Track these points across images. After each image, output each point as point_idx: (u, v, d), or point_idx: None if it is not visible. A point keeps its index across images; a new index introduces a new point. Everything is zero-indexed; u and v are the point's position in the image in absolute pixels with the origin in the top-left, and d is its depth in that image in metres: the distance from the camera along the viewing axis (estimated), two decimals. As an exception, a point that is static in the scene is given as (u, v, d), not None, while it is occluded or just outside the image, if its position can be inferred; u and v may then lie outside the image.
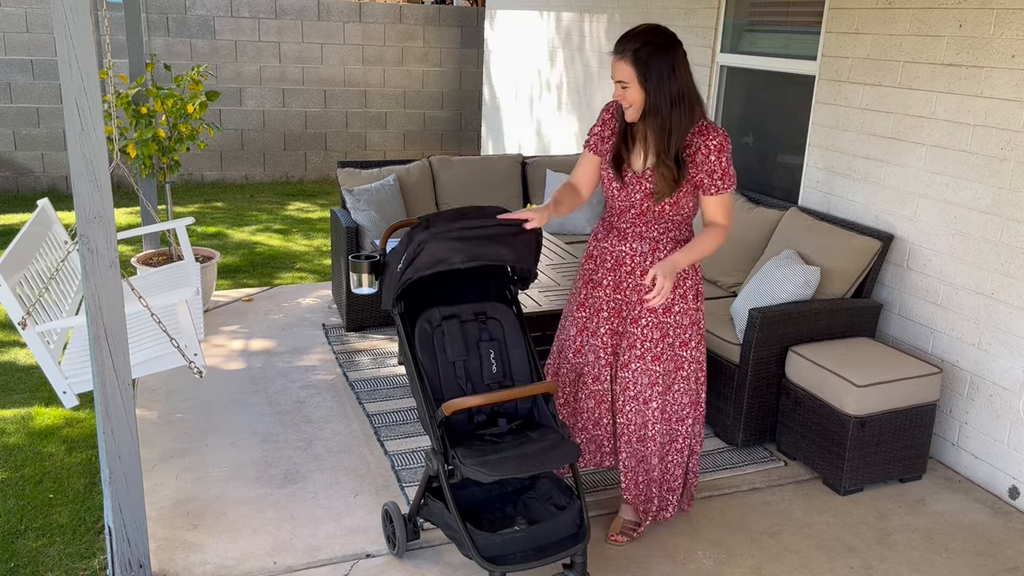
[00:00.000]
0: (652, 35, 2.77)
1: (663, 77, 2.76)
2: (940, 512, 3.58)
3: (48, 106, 8.48)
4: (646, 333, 3.02)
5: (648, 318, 3.02)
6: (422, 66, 9.80)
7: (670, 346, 3.05)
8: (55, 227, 4.10)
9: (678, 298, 3.02)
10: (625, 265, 3.03)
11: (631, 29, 2.83)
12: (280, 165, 9.55)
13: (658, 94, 2.78)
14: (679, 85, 2.78)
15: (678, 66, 2.78)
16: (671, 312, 3.02)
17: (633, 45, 2.76)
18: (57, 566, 3.07)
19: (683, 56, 2.81)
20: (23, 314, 3.16)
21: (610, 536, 3.26)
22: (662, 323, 3.02)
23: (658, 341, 3.03)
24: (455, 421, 2.90)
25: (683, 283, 3.02)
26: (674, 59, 2.78)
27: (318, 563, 3.06)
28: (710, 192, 2.88)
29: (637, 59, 2.76)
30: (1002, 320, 3.67)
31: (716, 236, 2.89)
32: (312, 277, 6.35)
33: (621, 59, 2.79)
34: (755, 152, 5.25)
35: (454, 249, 2.72)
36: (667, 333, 3.03)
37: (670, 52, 2.77)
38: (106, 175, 2.42)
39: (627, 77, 2.79)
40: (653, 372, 3.05)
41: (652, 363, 3.04)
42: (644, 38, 2.76)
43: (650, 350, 3.03)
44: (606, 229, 3.09)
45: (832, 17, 4.46)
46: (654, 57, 2.75)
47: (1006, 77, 3.58)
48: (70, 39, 2.29)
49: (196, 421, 4.04)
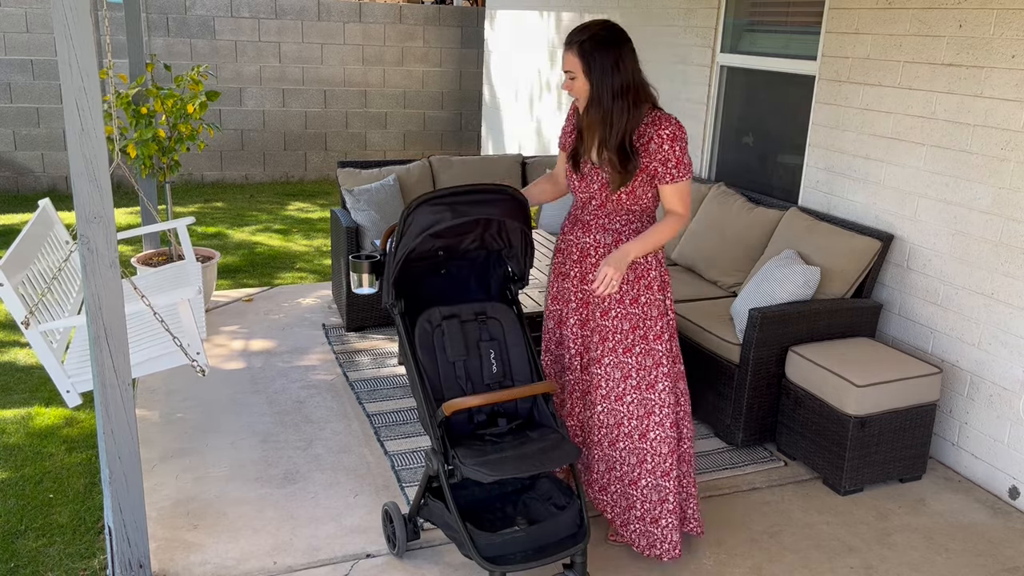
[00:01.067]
0: (600, 29, 2.86)
1: (606, 71, 2.84)
2: (940, 512, 3.58)
3: (48, 106, 8.48)
4: (616, 324, 3.02)
5: (617, 309, 3.02)
6: (422, 66, 9.80)
7: (642, 338, 3.02)
8: (56, 227, 4.10)
9: (643, 288, 3.02)
10: (590, 257, 3.06)
11: (584, 23, 2.92)
12: (280, 165, 9.56)
13: (601, 86, 2.86)
14: (623, 79, 2.85)
15: (623, 60, 2.85)
16: (638, 303, 3.02)
17: (580, 37, 2.86)
18: (57, 566, 3.07)
19: (630, 52, 2.88)
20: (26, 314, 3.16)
21: (609, 537, 3.26)
22: (631, 314, 3.02)
23: (628, 332, 3.02)
24: (455, 421, 2.90)
25: (647, 274, 3.02)
26: (619, 54, 2.85)
27: (318, 563, 3.06)
28: (665, 181, 2.93)
29: (583, 51, 2.85)
30: (1002, 320, 3.67)
31: (671, 225, 2.94)
32: (312, 277, 6.35)
33: (568, 50, 2.90)
34: (755, 152, 5.25)
35: (443, 211, 2.76)
36: (637, 325, 3.02)
37: (616, 47, 2.85)
38: (106, 175, 2.42)
39: (573, 67, 2.89)
40: (626, 365, 3.03)
41: (624, 355, 3.03)
42: (592, 31, 2.86)
43: (621, 342, 3.03)
44: (572, 222, 3.15)
45: (832, 17, 4.46)
46: (599, 50, 2.84)
47: (1006, 77, 3.59)
48: (70, 39, 2.29)
49: (196, 421, 4.04)
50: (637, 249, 2.88)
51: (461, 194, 2.81)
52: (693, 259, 4.90)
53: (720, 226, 4.77)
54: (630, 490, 3.09)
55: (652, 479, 3.04)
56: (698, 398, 4.17)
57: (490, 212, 2.84)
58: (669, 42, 5.91)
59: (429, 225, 2.76)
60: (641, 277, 3.02)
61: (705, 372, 4.08)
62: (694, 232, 4.95)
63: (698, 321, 4.13)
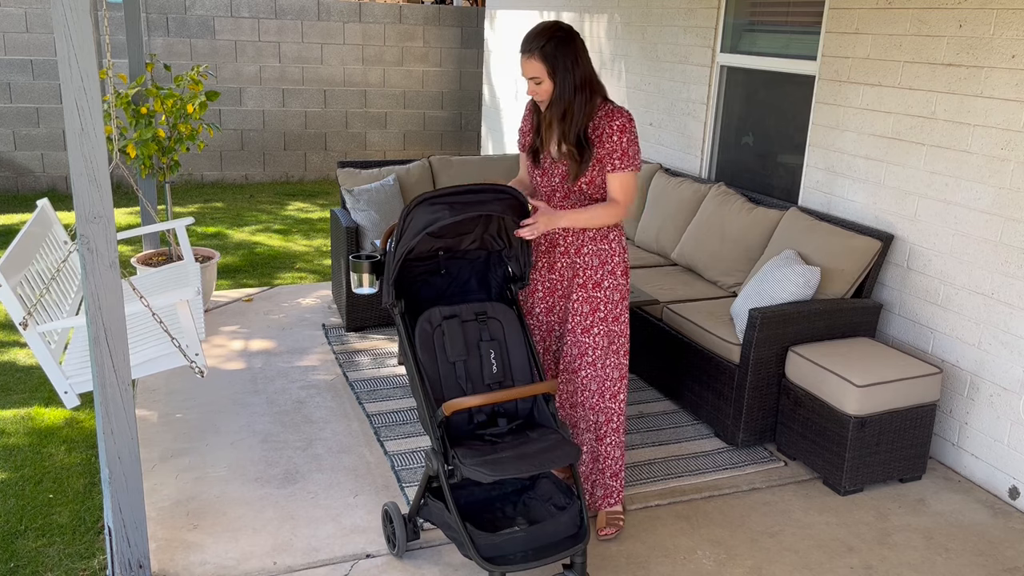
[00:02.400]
0: (554, 31, 2.99)
1: (568, 68, 2.99)
2: (940, 512, 3.58)
3: (48, 106, 8.48)
4: (578, 307, 3.21)
5: (579, 293, 3.20)
6: (422, 66, 9.80)
7: (602, 320, 3.19)
8: (55, 227, 4.10)
9: (607, 274, 3.19)
10: (559, 246, 3.22)
11: (533, 29, 3.04)
12: (280, 165, 9.55)
13: (564, 84, 3.00)
14: (582, 73, 3.01)
15: (580, 55, 3.01)
16: (601, 287, 3.19)
17: (540, 42, 2.98)
18: (57, 566, 3.07)
19: (583, 45, 3.04)
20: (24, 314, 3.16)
21: (600, 532, 3.29)
22: (592, 297, 3.19)
23: (588, 315, 3.19)
24: (455, 421, 2.90)
25: (611, 259, 3.19)
26: (576, 50, 3.00)
27: (318, 563, 3.06)
28: (609, 169, 3.08)
29: (545, 54, 2.98)
30: (1002, 320, 3.67)
31: (608, 210, 3.09)
32: (312, 277, 6.35)
33: (531, 57, 3.01)
34: (755, 152, 5.25)
35: (441, 209, 2.80)
36: (597, 307, 3.19)
37: (572, 44, 3.00)
38: (106, 175, 2.42)
39: (538, 72, 3.01)
40: (583, 343, 3.21)
41: (582, 335, 3.20)
42: (548, 35, 2.98)
43: (580, 323, 3.20)
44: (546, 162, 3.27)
45: (832, 17, 4.46)
46: (559, 50, 2.98)
47: (1006, 77, 3.59)
48: (70, 39, 2.29)
49: (196, 421, 4.04)
50: (571, 219, 3.05)
51: (460, 193, 2.83)
52: (693, 259, 4.90)
53: (720, 226, 4.77)
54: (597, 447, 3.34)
55: (616, 437, 3.32)
56: (698, 398, 4.17)
57: (490, 209, 2.87)
58: (669, 42, 5.91)
59: (428, 223, 2.78)
60: (605, 263, 3.19)
61: (705, 372, 4.08)
62: (694, 232, 4.95)
63: (698, 321, 4.13)
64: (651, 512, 3.47)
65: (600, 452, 3.31)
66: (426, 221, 2.79)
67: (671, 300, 4.44)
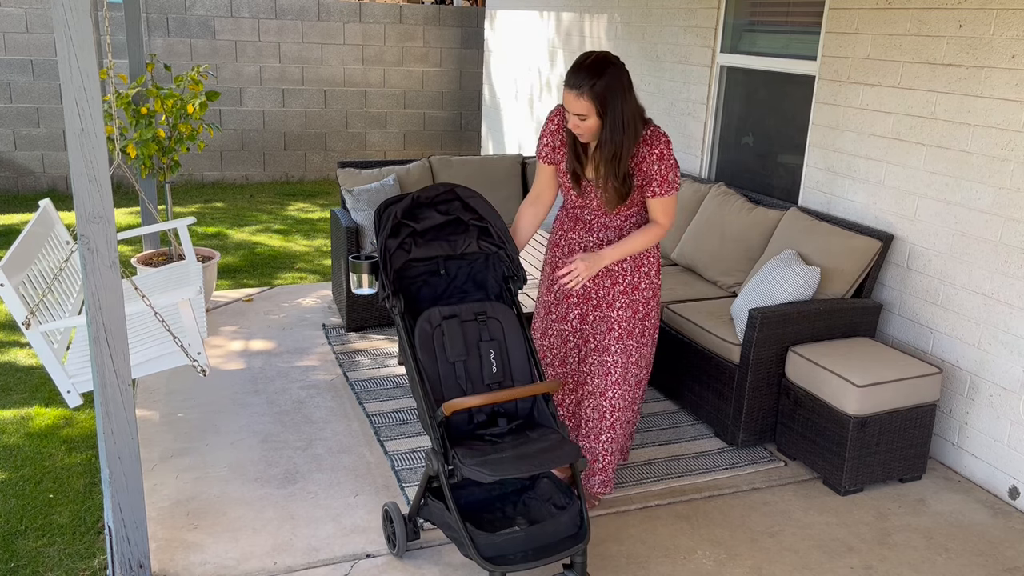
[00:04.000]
0: (605, 66, 2.91)
1: (618, 108, 2.93)
2: (940, 512, 3.58)
3: (48, 106, 8.48)
4: (622, 314, 3.24)
5: (621, 299, 3.23)
6: (422, 66, 9.80)
7: (641, 320, 3.27)
8: (57, 227, 4.10)
9: (643, 276, 3.24)
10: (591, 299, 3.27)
11: (582, 61, 2.94)
12: (280, 165, 9.56)
13: (614, 124, 2.95)
14: (631, 108, 2.96)
15: (627, 90, 2.95)
16: (639, 290, 3.24)
17: (590, 81, 2.89)
18: (57, 566, 3.07)
19: (628, 79, 2.97)
20: (27, 314, 3.16)
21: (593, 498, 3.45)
22: (633, 301, 3.24)
23: (631, 318, 3.25)
24: (455, 421, 2.90)
25: (646, 260, 3.23)
26: (624, 85, 2.94)
27: (318, 563, 3.06)
28: (649, 195, 3.10)
29: (595, 94, 2.90)
30: (1002, 320, 3.67)
31: (651, 233, 3.13)
32: (312, 277, 6.35)
33: (580, 95, 2.92)
34: (755, 152, 5.25)
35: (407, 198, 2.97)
36: (638, 309, 3.26)
37: (621, 79, 2.93)
38: (106, 175, 2.42)
39: (585, 111, 2.94)
40: (630, 347, 3.27)
41: (629, 339, 3.27)
42: (599, 71, 2.90)
43: (627, 328, 3.25)
44: (572, 220, 3.29)
45: (832, 17, 4.46)
46: (610, 90, 2.90)
47: (1006, 77, 3.59)
48: (70, 39, 2.29)
49: (196, 421, 4.04)
50: (614, 255, 3.10)
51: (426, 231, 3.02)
52: (693, 259, 4.90)
53: (720, 226, 4.77)
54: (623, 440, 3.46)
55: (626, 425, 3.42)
56: (698, 398, 4.17)
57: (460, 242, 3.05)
58: (669, 42, 5.91)
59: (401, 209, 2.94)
60: (641, 265, 3.22)
61: (705, 372, 4.08)
62: (694, 232, 4.95)
63: (698, 321, 4.13)
64: (651, 512, 3.47)
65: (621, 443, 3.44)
66: (397, 209, 2.93)
67: (671, 300, 4.44)
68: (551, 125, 3.19)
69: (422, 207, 2.99)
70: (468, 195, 3.03)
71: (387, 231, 2.91)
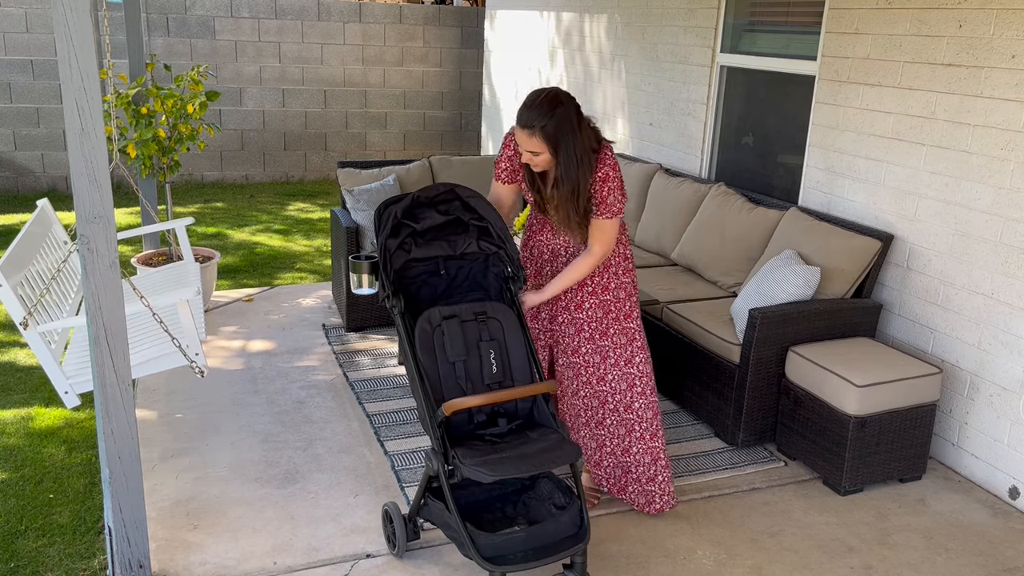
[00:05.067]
0: (554, 105, 2.92)
1: (570, 144, 2.94)
2: (940, 512, 3.58)
3: (48, 106, 8.48)
4: (591, 315, 3.25)
5: (590, 300, 3.24)
6: (422, 66, 9.80)
7: (615, 320, 3.26)
8: (55, 227, 4.10)
9: (612, 276, 3.25)
10: (561, 256, 3.27)
11: (532, 100, 2.95)
12: (280, 165, 9.56)
13: (568, 162, 2.96)
14: (583, 140, 2.97)
15: (577, 127, 2.96)
16: (609, 290, 3.24)
17: (540, 122, 2.91)
18: (57, 566, 3.07)
19: (578, 114, 2.98)
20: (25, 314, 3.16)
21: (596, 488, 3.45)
22: (603, 302, 3.25)
23: (602, 319, 3.25)
24: (455, 421, 2.90)
25: (614, 260, 3.24)
26: (573, 120, 2.95)
27: (318, 563, 3.06)
28: (593, 215, 3.09)
29: (546, 135, 2.93)
30: (1002, 320, 3.67)
31: (585, 264, 3.11)
32: (312, 277, 6.35)
33: (532, 135, 2.94)
34: (755, 152, 5.25)
35: (406, 197, 2.97)
36: (609, 310, 3.25)
37: (570, 114, 2.94)
38: (106, 175, 2.42)
39: (538, 148, 2.97)
40: (604, 348, 3.26)
41: (601, 339, 3.26)
42: (548, 111, 2.91)
43: (597, 328, 3.26)
44: (540, 223, 3.32)
45: (832, 17, 4.46)
46: (560, 131, 2.92)
47: (1006, 77, 3.59)
48: (70, 39, 2.29)
49: (196, 421, 4.04)
50: (556, 289, 3.14)
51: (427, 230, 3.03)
52: (693, 259, 4.90)
53: (720, 226, 4.77)
54: (623, 459, 3.37)
55: (642, 444, 3.33)
56: (698, 398, 4.17)
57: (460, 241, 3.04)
58: (669, 42, 5.91)
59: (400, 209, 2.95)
60: (608, 266, 3.24)
61: (705, 372, 4.08)
62: (694, 232, 4.95)
63: (698, 321, 4.13)
64: (651, 512, 3.47)
65: (634, 460, 3.37)
66: (397, 210, 2.94)
67: (671, 300, 4.44)
68: (507, 150, 3.19)
69: (422, 207, 2.99)
70: (468, 195, 3.03)
71: (387, 231, 2.91)
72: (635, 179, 5.68)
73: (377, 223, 2.92)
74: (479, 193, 3.12)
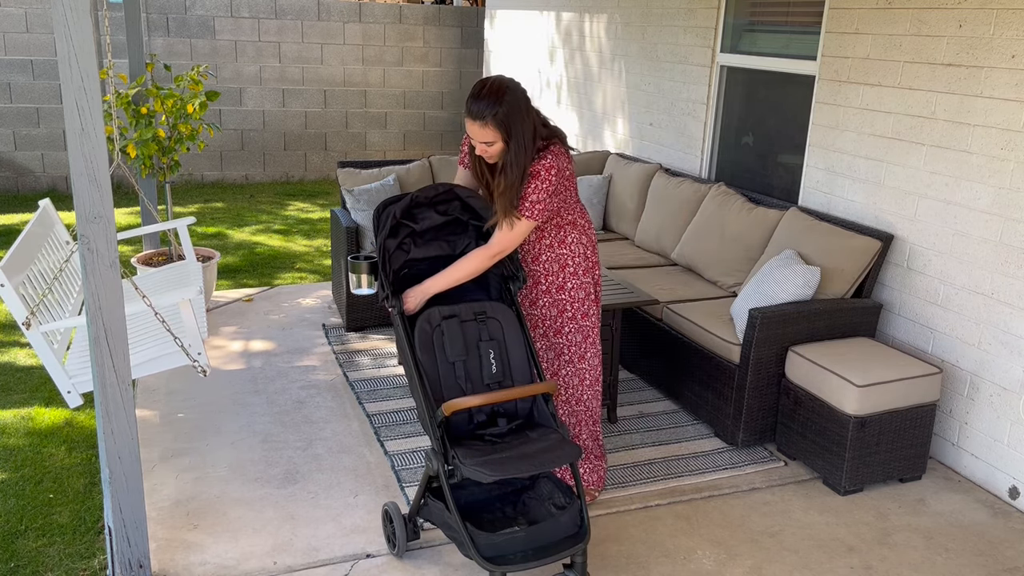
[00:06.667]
0: (503, 93, 2.91)
1: (520, 131, 2.94)
2: (940, 512, 3.58)
3: (48, 106, 8.48)
4: (545, 312, 3.28)
5: (544, 299, 3.26)
6: (422, 66, 9.80)
7: (571, 319, 3.27)
8: (57, 227, 4.10)
9: (569, 275, 3.24)
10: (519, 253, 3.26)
11: (480, 89, 2.94)
12: (280, 165, 9.56)
13: (518, 146, 2.94)
14: (530, 127, 2.96)
15: (526, 111, 2.96)
16: (565, 289, 3.25)
17: (492, 109, 2.90)
18: (57, 566, 3.07)
19: (526, 99, 2.97)
20: (27, 314, 3.16)
21: None
22: (558, 300, 3.26)
23: (557, 317, 3.27)
24: (455, 421, 2.90)
25: (571, 260, 3.23)
26: (522, 107, 2.94)
27: (318, 563, 3.06)
28: None
29: (498, 121, 2.91)
30: (1002, 320, 3.67)
31: (472, 261, 2.98)
32: (312, 277, 6.35)
33: (484, 125, 2.93)
34: (755, 152, 5.25)
35: (405, 197, 2.98)
36: (564, 308, 3.26)
37: (519, 103, 2.94)
38: (106, 175, 2.42)
39: (492, 138, 2.95)
40: (558, 345, 3.30)
41: (555, 337, 3.29)
42: (498, 99, 2.90)
43: (551, 326, 3.28)
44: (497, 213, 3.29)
45: (832, 17, 4.46)
46: (511, 115, 2.92)
47: (1006, 77, 3.59)
48: (70, 39, 2.29)
49: (196, 421, 4.04)
50: (437, 285, 2.98)
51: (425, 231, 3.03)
52: (693, 259, 4.90)
53: (720, 226, 4.77)
54: (595, 464, 3.47)
55: (588, 428, 3.44)
56: (698, 398, 4.17)
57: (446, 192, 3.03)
58: (669, 42, 5.91)
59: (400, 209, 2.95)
60: (565, 266, 3.23)
61: (705, 372, 4.08)
62: (694, 232, 4.96)
63: (698, 321, 4.13)
64: (651, 512, 3.47)
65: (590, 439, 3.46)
66: (396, 209, 2.94)
67: (671, 300, 4.45)
68: (468, 139, 3.18)
69: (421, 207, 2.99)
70: (467, 195, 3.03)
71: (386, 231, 2.92)
72: (635, 179, 5.68)
73: (376, 223, 2.92)
74: (478, 193, 3.11)
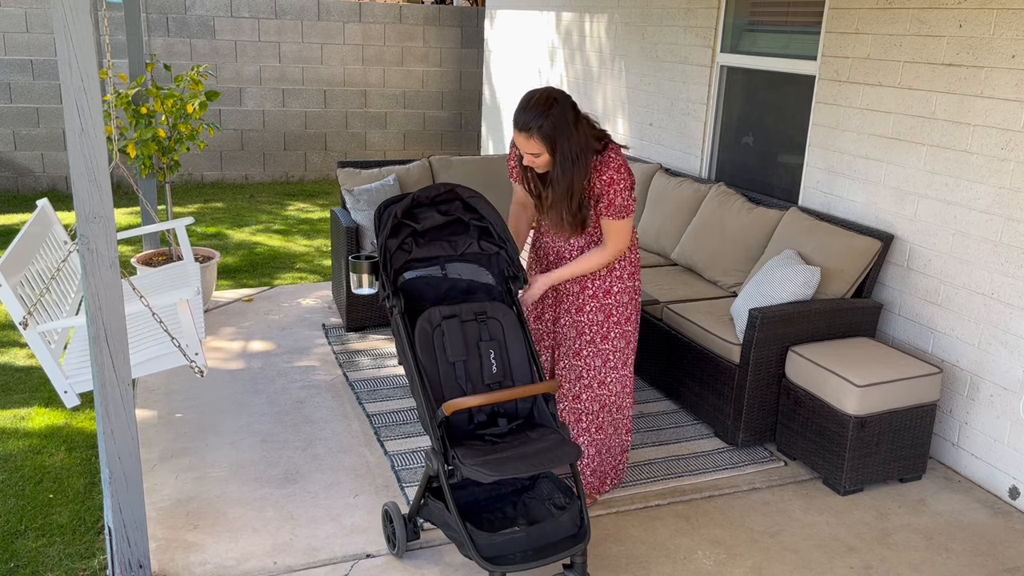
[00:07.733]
0: (549, 105, 2.93)
1: (567, 143, 2.95)
2: (940, 512, 3.58)
3: (48, 106, 8.48)
4: (592, 318, 3.26)
5: (591, 304, 3.25)
6: (422, 66, 9.80)
7: (616, 324, 3.27)
8: (55, 227, 4.10)
9: (615, 279, 3.25)
10: (564, 258, 3.28)
11: (528, 101, 2.97)
12: (280, 165, 9.55)
13: (564, 160, 2.97)
14: (579, 139, 2.98)
15: (574, 125, 2.97)
16: (611, 293, 3.25)
17: (537, 122, 2.93)
18: (57, 566, 3.07)
19: (575, 112, 2.99)
20: (24, 314, 3.16)
21: None
22: (605, 305, 3.26)
23: (603, 323, 3.27)
24: (455, 421, 2.90)
25: (619, 264, 3.25)
26: (570, 119, 2.95)
27: (318, 563, 3.06)
28: (603, 216, 3.13)
29: (544, 135, 2.94)
30: (1002, 320, 3.67)
31: (598, 257, 3.15)
32: (312, 277, 6.35)
33: (529, 137, 2.96)
34: (755, 152, 5.25)
35: (407, 198, 2.98)
36: (611, 313, 3.26)
37: (567, 117, 2.95)
38: (106, 175, 2.42)
39: (537, 149, 2.98)
40: (605, 351, 3.29)
41: (602, 343, 3.28)
42: (544, 112, 2.92)
43: (599, 332, 3.27)
44: (547, 225, 3.33)
45: (832, 17, 4.46)
46: (557, 129, 2.94)
47: (1006, 77, 3.59)
48: (70, 39, 2.29)
49: (196, 421, 4.04)
50: (563, 275, 3.16)
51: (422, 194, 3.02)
52: (693, 259, 4.90)
53: (720, 226, 4.77)
54: (620, 459, 3.50)
55: (623, 437, 3.46)
56: (698, 398, 4.17)
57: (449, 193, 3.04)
58: (669, 42, 5.91)
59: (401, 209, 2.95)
60: (613, 269, 3.24)
61: (705, 372, 4.08)
62: (694, 232, 4.95)
63: (698, 321, 4.13)
64: (651, 512, 3.47)
65: (617, 445, 3.48)
66: (397, 209, 2.94)
67: (671, 300, 4.44)
68: (515, 150, 3.23)
69: (422, 207, 2.99)
70: (469, 195, 3.03)
71: (387, 231, 2.91)
72: (635, 179, 5.68)
73: (377, 223, 2.92)
74: (479, 193, 3.11)
